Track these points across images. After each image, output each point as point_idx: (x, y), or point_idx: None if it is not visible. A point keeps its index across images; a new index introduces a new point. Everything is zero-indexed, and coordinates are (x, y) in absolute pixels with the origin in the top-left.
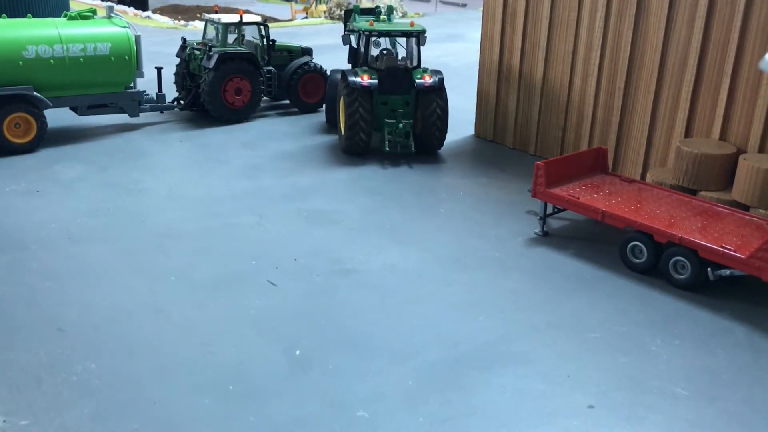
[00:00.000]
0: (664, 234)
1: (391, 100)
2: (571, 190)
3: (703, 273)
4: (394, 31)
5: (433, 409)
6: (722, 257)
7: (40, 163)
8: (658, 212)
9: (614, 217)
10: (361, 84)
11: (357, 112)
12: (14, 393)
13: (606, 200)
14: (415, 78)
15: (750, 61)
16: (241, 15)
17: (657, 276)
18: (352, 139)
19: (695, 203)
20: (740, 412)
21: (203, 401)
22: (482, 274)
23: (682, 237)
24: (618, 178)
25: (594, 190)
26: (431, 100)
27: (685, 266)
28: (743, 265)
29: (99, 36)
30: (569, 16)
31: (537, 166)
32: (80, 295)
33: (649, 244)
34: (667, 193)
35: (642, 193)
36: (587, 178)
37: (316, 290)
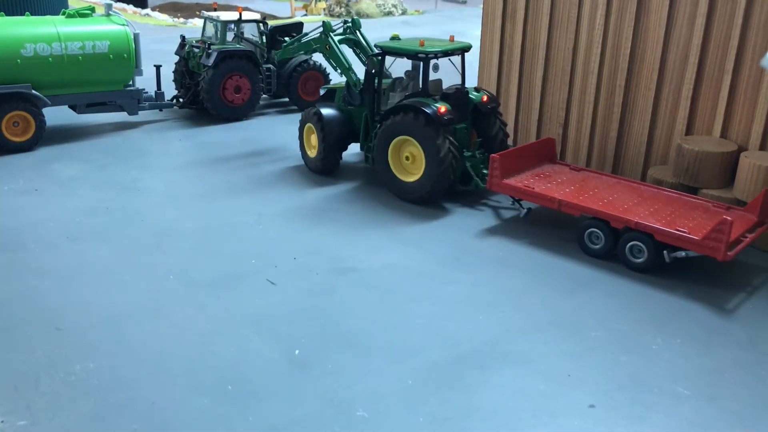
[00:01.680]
0: (621, 220)
1: (458, 131)
2: (525, 180)
3: (659, 256)
4: (453, 50)
5: (432, 409)
6: (678, 240)
7: (38, 161)
8: (611, 199)
9: (571, 206)
10: (445, 117)
11: (449, 152)
12: (12, 393)
13: (560, 189)
14: (476, 100)
15: (751, 58)
16: (240, 12)
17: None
18: (443, 184)
19: (644, 189)
20: (741, 412)
21: (202, 401)
22: (482, 273)
23: (638, 222)
24: (567, 167)
25: (547, 179)
26: (492, 122)
27: (641, 250)
28: (698, 247)
29: (97, 34)
30: (569, 14)
31: (492, 158)
32: (79, 294)
33: (606, 230)
34: (615, 180)
35: (592, 181)
36: (538, 168)
37: (315, 289)
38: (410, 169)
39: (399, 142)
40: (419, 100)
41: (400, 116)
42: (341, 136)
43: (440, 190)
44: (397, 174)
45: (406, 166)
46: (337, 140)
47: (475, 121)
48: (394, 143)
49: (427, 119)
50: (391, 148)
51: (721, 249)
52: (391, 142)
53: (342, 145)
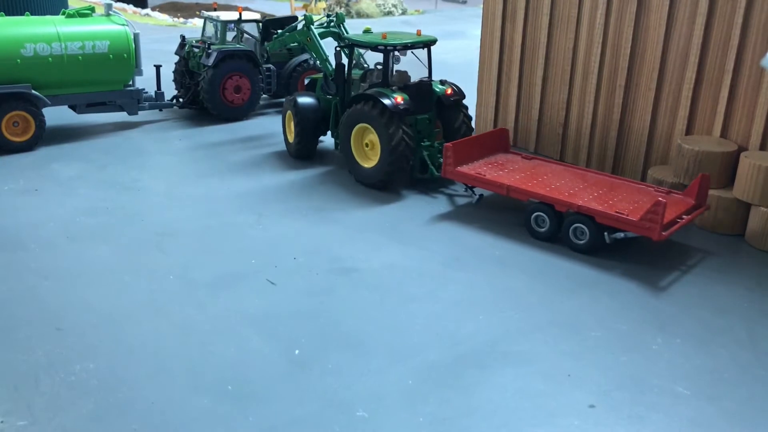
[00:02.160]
0: (564, 203)
1: (419, 121)
2: (477, 168)
3: (600, 237)
4: (416, 43)
5: (432, 409)
6: (616, 221)
7: (38, 161)
8: (558, 185)
9: (518, 191)
10: (400, 107)
11: (402, 139)
12: (12, 393)
13: (510, 176)
14: (439, 92)
15: (751, 58)
16: (240, 12)
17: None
18: (395, 170)
19: (590, 175)
20: (741, 411)
21: (202, 401)
22: (482, 273)
23: (580, 205)
24: (520, 156)
25: (499, 167)
26: (457, 115)
27: (584, 232)
28: (635, 227)
29: (97, 34)
30: (570, 13)
31: (445, 147)
32: (79, 294)
33: (550, 214)
34: (563, 167)
35: (542, 168)
36: (492, 157)
37: (315, 289)
38: (370, 155)
39: (360, 129)
40: (379, 90)
41: (361, 105)
42: (316, 123)
43: (394, 176)
44: (358, 159)
45: (366, 153)
46: (312, 127)
47: (440, 113)
48: (356, 130)
49: (383, 109)
50: (353, 134)
51: (656, 229)
52: (353, 129)
53: (317, 131)
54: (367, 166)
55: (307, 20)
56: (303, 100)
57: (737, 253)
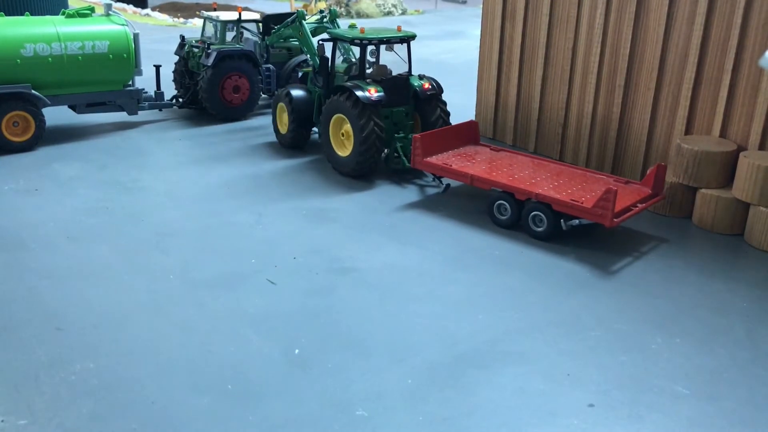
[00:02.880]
0: (524, 192)
1: (394, 113)
2: (445, 159)
3: (557, 224)
4: (393, 38)
5: (432, 408)
6: (572, 209)
7: (38, 161)
8: (521, 175)
9: (481, 180)
10: (371, 98)
11: (373, 130)
12: (12, 392)
13: (476, 167)
14: (415, 86)
15: (750, 58)
16: (240, 12)
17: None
18: (366, 159)
19: (553, 166)
20: (741, 411)
21: (202, 400)
22: (482, 273)
23: (538, 193)
24: (488, 148)
25: (467, 158)
26: (434, 108)
27: (542, 219)
28: (589, 214)
29: (97, 34)
30: (569, 13)
31: (414, 138)
32: (79, 294)
33: (512, 202)
34: (529, 159)
35: (508, 160)
36: (462, 149)
37: (315, 289)
38: (345, 145)
39: (337, 119)
40: (355, 83)
41: (337, 96)
42: (308, 113)
43: (365, 165)
44: (335, 148)
45: (342, 142)
46: (304, 117)
47: (418, 107)
48: (333, 120)
49: (356, 100)
50: (331, 124)
51: (608, 216)
52: (331, 119)
53: (308, 122)
54: (342, 155)
55: (299, 15)
56: (296, 92)
57: (737, 253)
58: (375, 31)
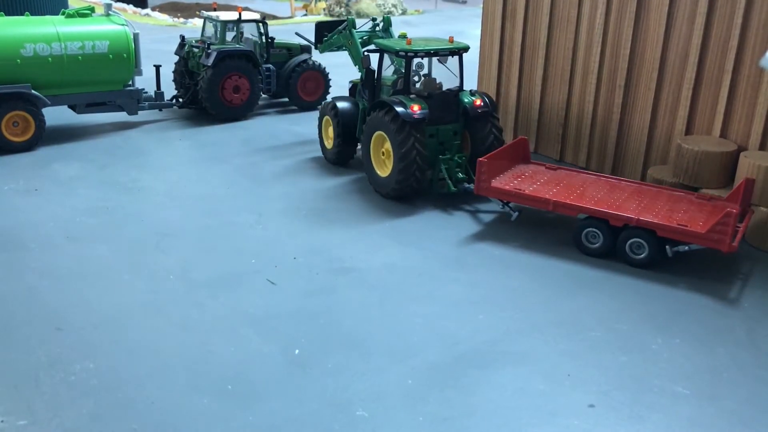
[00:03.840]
0: (620, 218)
1: (440, 132)
2: (509, 182)
3: (661, 251)
4: (442, 50)
5: (432, 409)
6: (681, 234)
7: (38, 161)
8: (601, 197)
9: (566, 206)
10: (414, 116)
11: (414, 149)
12: (12, 393)
13: (548, 190)
14: (465, 103)
15: (751, 58)
16: (240, 12)
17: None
18: (405, 181)
19: (626, 185)
20: (741, 411)
21: (202, 401)
22: (482, 273)
23: (639, 219)
24: (543, 167)
25: (529, 180)
26: (486, 126)
27: (641, 246)
28: (703, 240)
29: (97, 34)
30: (569, 13)
31: (479, 162)
32: (79, 294)
33: (604, 229)
34: (596, 177)
35: (574, 180)
36: (515, 169)
37: (315, 289)
38: (386, 164)
39: (378, 137)
40: (397, 98)
41: (377, 112)
42: (354, 127)
43: (405, 187)
44: (376, 167)
45: (383, 161)
46: (351, 132)
47: (468, 125)
48: (375, 138)
49: (395, 116)
50: (372, 142)
51: (726, 241)
52: (372, 136)
53: (355, 136)
54: (382, 175)
55: (349, 23)
56: (342, 105)
57: (737, 253)
58: (423, 42)
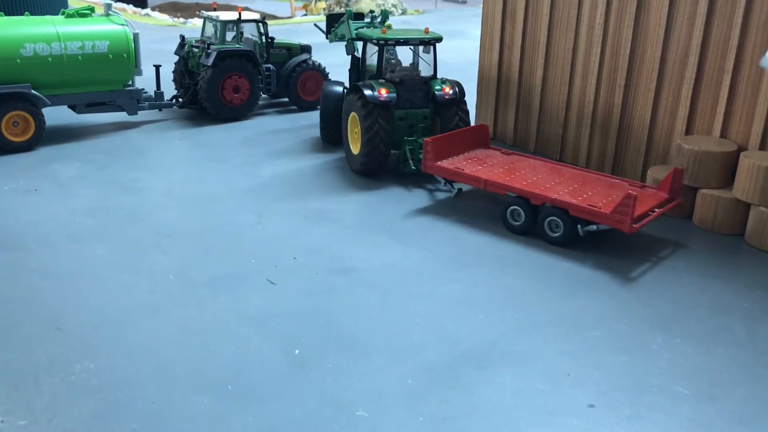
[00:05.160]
0: (539, 197)
1: (410, 115)
2: (457, 163)
3: (574, 230)
4: (412, 39)
5: (432, 409)
6: (589, 214)
7: (38, 161)
8: (536, 179)
9: (495, 185)
10: (380, 98)
11: (376, 129)
12: (12, 393)
13: (489, 171)
14: (434, 90)
15: (751, 58)
16: (240, 12)
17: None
18: (370, 159)
19: (569, 171)
20: (741, 411)
21: (202, 401)
22: (482, 273)
23: (554, 198)
24: (499, 151)
25: (478, 162)
26: (453, 113)
27: (558, 225)
28: (607, 220)
29: (97, 34)
30: (569, 14)
31: (425, 142)
32: (79, 294)
33: (526, 207)
34: (543, 163)
35: (521, 164)
36: (472, 152)
37: (315, 289)
38: (358, 142)
39: (352, 117)
40: (369, 82)
41: (352, 95)
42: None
43: (370, 165)
44: (350, 145)
45: (356, 139)
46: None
47: (438, 111)
48: (350, 118)
49: (364, 99)
50: (349, 121)
51: (626, 221)
52: (348, 117)
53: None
54: (354, 152)
55: (347, 15)
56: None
57: (737, 253)
58: (399, 32)
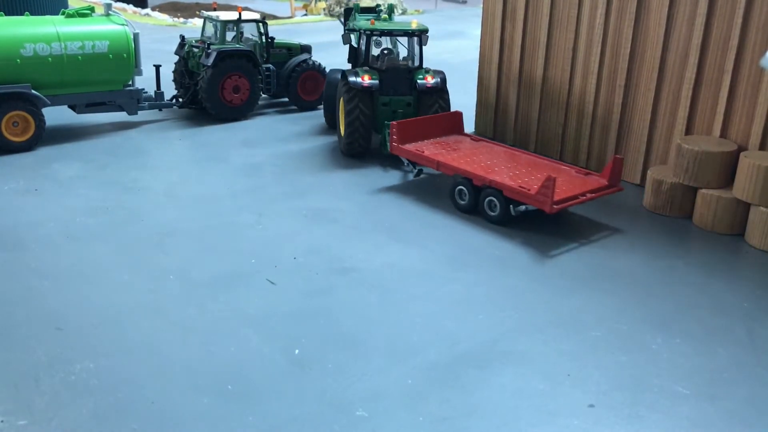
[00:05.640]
0: (480, 178)
1: (393, 101)
2: (421, 146)
3: (509, 210)
4: (395, 30)
5: (432, 409)
6: (519, 195)
7: (38, 161)
8: (487, 163)
9: (445, 166)
10: (362, 84)
11: (357, 113)
12: (12, 392)
13: (447, 154)
14: (417, 78)
15: (751, 58)
16: (240, 12)
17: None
18: (351, 140)
19: (525, 157)
20: (741, 411)
21: (202, 400)
22: (482, 272)
23: (492, 180)
24: (469, 138)
25: (443, 147)
26: (433, 101)
27: (495, 205)
28: (532, 200)
29: (97, 34)
30: (569, 14)
31: (391, 125)
32: (79, 294)
33: (470, 188)
34: (505, 149)
35: (483, 149)
36: (443, 138)
37: (315, 289)
38: (341, 124)
39: (341, 101)
40: (355, 69)
41: (341, 81)
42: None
43: (352, 147)
44: (340, 127)
45: (340, 120)
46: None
47: (420, 98)
48: (341, 102)
49: (348, 85)
50: (340, 105)
51: (547, 202)
52: (339, 101)
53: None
54: (342, 134)
55: (355, 9)
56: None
57: (737, 253)
58: (385, 24)
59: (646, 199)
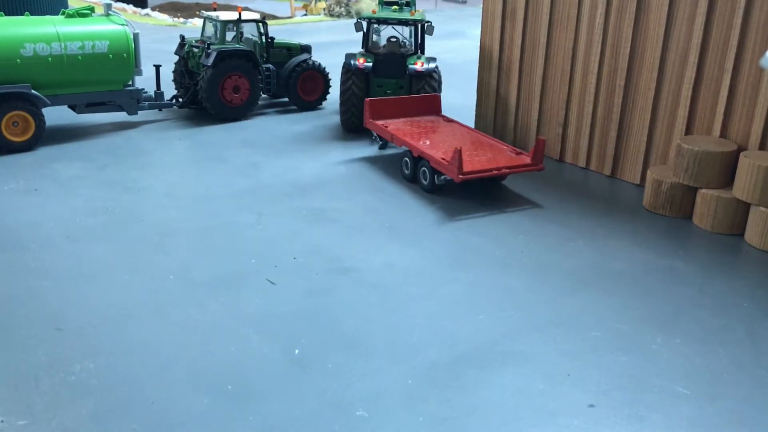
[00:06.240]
0: (416, 150)
1: (386, 83)
2: (390, 123)
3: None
4: (391, 18)
5: (432, 409)
6: (439, 165)
7: (38, 161)
8: (436, 140)
9: (396, 139)
10: (357, 66)
11: (350, 90)
12: (12, 393)
13: (406, 130)
14: (409, 64)
15: (751, 58)
16: (240, 12)
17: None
18: (346, 116)
19: (476, 137)
20: (741, 411)
21: (202, 401)
22: (482, 272)
23: (422, 151)
24: (442, 119)
25: (411, 124)
26: (422, 85)
27: (426, 174)
28: (446, 170)
29: (97, 34)
30: (569, 13)
31: (365, 101)
32: (78, 294)
33: (411, 159)
34: (466, 130)
35: (445, 128)
36: (419, 118)
37: (315, 289)
38: None
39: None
40: (355, 53)
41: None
42: None
43: (347, 119)
44: None
45: None
46: None
47: (411, 81)
48: None
49: (347, 66)
50: None
51: (454, 171)
52: None
53: None
54: None
55: (379, 2)
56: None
57: (737, 253)
58: (386, 13)
59: (646, 199)
